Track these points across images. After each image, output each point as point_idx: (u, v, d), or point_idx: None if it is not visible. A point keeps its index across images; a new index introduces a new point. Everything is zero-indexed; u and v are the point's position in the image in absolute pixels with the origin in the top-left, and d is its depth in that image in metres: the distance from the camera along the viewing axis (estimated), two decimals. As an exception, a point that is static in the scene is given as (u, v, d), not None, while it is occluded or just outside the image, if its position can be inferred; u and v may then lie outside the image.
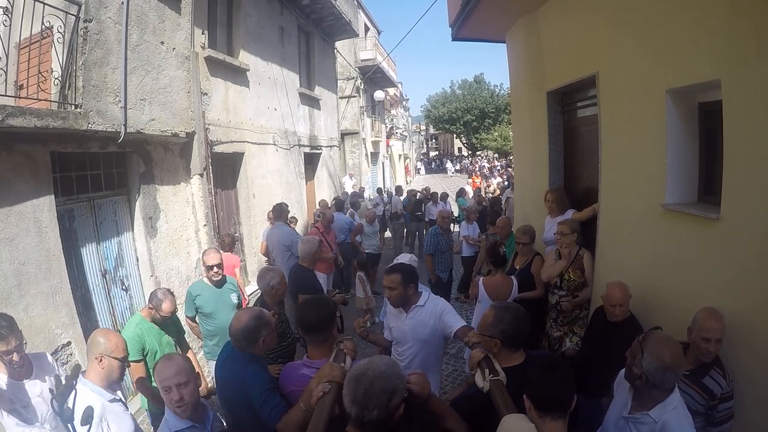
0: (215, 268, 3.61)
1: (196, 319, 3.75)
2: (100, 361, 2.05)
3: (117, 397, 2.14)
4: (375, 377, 1.41)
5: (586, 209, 3.85)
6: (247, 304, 4.82)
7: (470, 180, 21.27)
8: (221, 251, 5.10)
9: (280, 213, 6.08)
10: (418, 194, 11.02)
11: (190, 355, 3.35)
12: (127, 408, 2.23)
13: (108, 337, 2.13)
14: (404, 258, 3.36)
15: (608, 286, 2.78)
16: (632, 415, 1.84)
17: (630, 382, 1.86)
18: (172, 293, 3.05)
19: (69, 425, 1.48)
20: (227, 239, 5.19)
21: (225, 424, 2.21)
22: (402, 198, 10.86)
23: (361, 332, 2.76)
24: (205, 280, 3.71)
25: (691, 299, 2.41)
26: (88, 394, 1.96)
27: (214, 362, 3.43)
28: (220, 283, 3.69)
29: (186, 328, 3.68)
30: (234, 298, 3.74)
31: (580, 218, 3.84)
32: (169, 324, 3.15)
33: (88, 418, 1.49)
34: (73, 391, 1.55)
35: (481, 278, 3.76)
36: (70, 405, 1.45)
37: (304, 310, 2.10)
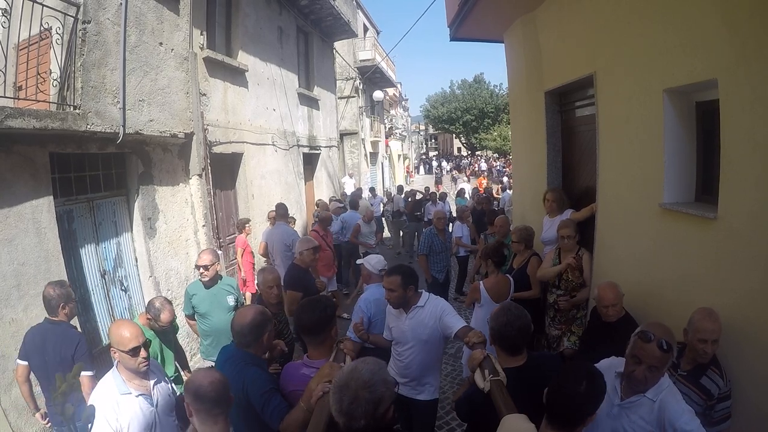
0: (201, 269, 3.60)
1: (195, 317, 3.74)
2: (114, 353, 2.08)
3: (136, 392, 2.07)
4: (359, 387, 1.37)
5: (585, 209, 3.86)
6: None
7: (465, 179, 21.29)
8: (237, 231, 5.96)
9: (282, 212, 6.08)
10: (418, 194, 11.02)
11: (186, 375, 3.36)
12: (152, 404, 2.13)
13: (115, 330, 2.12)
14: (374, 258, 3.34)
15: (599, 288, 2.77)
16: (626, 401, 1.86)
17: (633, 378, 1.84)
18: (170, 302, 3.05)
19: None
20: (239, 224, 6.14)
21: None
22: (402, 197, 10.90)
23: (360, 334, 2.77)
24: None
25: (689, 298, 2.42)
26: (101, 384, 2.02)
27: (209, 361, 3.42)
28: (209, 284, 3.65)
29: (185, 328, 3.67)
30: (230, 300, 3.68)
31: (578, 218, 3.84)
32: (167, 333, 3.17)
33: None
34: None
35: (482, 281, 3.71)
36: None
37: (302, 312, 2.11)
